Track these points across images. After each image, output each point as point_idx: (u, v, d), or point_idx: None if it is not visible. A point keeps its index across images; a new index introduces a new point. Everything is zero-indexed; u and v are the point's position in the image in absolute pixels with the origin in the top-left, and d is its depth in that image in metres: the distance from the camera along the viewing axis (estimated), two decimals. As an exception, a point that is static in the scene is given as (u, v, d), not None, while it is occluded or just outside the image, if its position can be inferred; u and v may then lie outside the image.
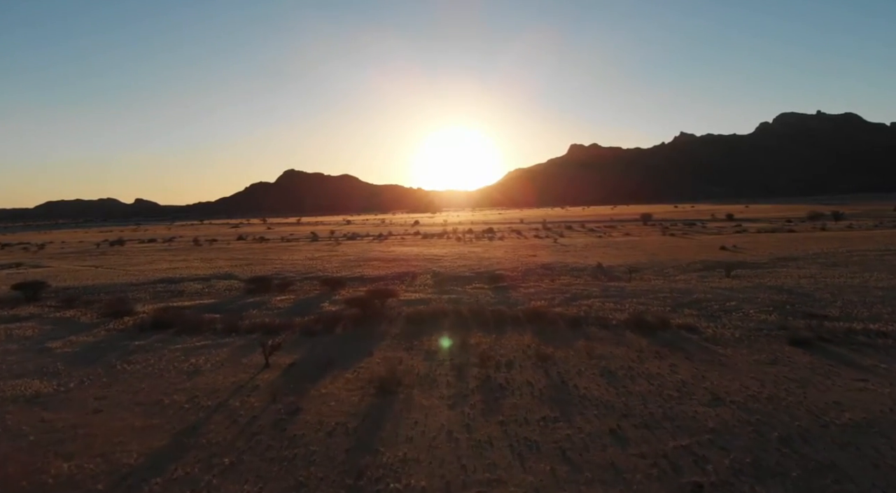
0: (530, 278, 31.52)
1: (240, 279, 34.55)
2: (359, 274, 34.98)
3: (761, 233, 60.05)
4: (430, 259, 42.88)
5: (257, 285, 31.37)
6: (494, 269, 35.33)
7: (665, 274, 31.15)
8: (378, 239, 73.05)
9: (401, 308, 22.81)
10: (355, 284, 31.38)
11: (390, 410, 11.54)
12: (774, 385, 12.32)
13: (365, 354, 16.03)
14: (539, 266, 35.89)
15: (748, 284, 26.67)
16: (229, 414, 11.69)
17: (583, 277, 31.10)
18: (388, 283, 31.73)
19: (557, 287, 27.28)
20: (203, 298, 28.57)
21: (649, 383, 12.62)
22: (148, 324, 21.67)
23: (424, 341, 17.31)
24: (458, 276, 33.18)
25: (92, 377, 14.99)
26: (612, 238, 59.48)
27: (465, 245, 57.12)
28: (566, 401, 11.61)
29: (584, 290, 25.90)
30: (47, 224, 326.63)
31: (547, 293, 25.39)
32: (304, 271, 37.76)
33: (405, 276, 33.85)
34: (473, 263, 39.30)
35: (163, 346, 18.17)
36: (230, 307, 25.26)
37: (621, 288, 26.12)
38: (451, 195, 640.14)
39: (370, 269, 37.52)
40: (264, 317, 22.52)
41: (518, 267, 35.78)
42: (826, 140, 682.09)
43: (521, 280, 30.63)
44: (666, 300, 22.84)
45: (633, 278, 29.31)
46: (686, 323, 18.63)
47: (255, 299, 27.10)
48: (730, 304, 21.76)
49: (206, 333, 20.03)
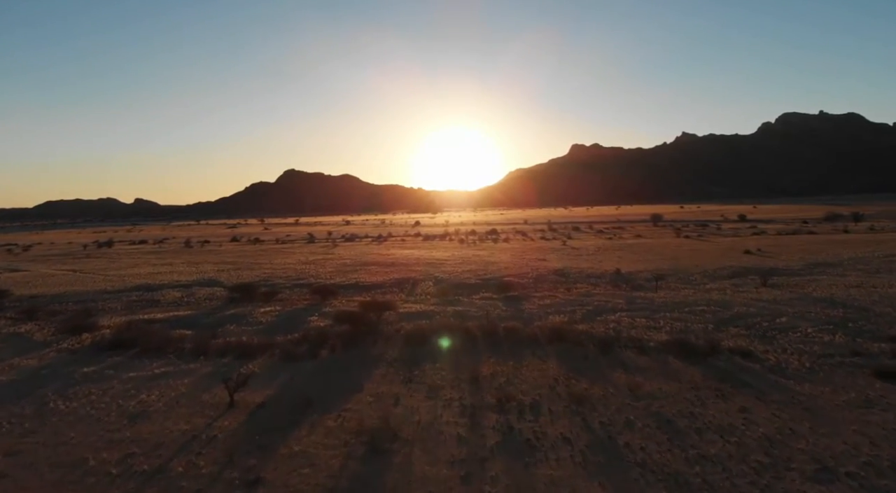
0: (543, 285, 28.52)
1: (224, 286, 31.57)
2: (354, 281, 31.98)
3: (782, 235, 56.98)
4: (432, 263, 39.89)
5: (241, 293, 28.38)
6: (502, 275, 32.33)
7: (693, 282, 28.13)
8: (377, 241, 70.05)
9: (399, 324, 19.83)
10: (349, 292, 28.38)
11: (381, 483, 8.54)
12: (891, 444, 9.32)
13: (353, 388, 13.03)
14: (551, 272, 32.87)
15: (791, 294, 23.64)
16: (167, 487, 8.69)
17: (601, 285, 28.10)
18: (386, 291, 28.73)
19: (576, 298, 24.26)
20: (179, 308, 25.57)
21: (724, 440, 9.60)
22: (107, 343, 18.68)
23: (427, 370, 14.30)
24: (464, 283, 30.19)
25: (14, 420, 12.03)
26: (623, 240, 56.43)
27: (468, 248, 54.11)
28: (621, 472, 8.60)
29: (606, 301, 22.88)
30: (44, 224, 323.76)
31: (565, 305, 22.38)
32: (296, 276, 34.76)
33: (405, 283, 30.86)
34: (479, 268, 36.29)
35: (114, 374, 15.17)
36: (206, 321, 22.26)
37: (649, 300, 23.09)
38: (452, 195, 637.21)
39: (367, 275, 34.52)
40: (241, 334, 19.53)
41: (528, 273, 32.77)
42: (829, 140, 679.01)
43: (534, 289, 27.64)
44: (704, 315, 19.83)
45: (659, 288, 26.29)
46: (738, 346, 15.64)
47: (236, 311, 24.10)
48: (780, 320, 18.76)
49: (171, 355, 17.03)
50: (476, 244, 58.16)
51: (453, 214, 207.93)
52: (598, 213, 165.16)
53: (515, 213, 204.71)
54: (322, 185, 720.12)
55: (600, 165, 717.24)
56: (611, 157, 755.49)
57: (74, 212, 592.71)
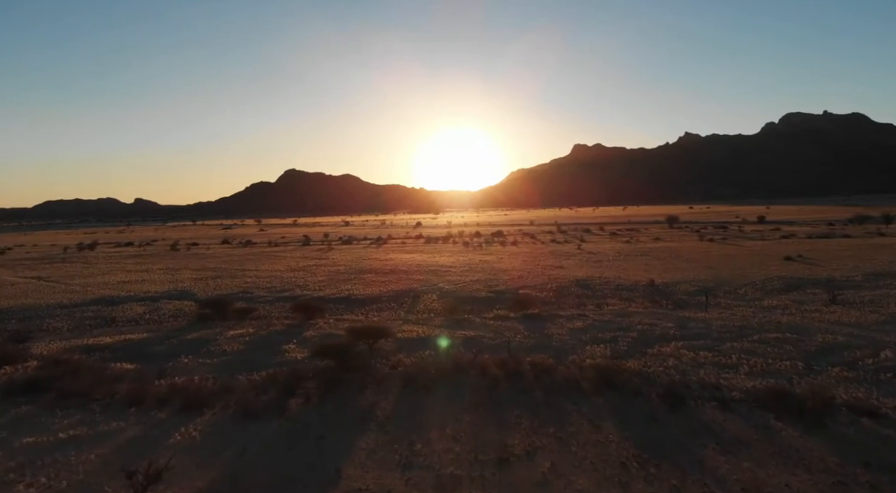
0: (567, 300, 24.37)
1: (197, 299, 27.47)
2: (346, 293, 27.84)
3: (813, 238, 52.67)
4: (436, 271, 35.75)
5: (213, 309, 24.23)
6: (517, 286, 28.19)
7: (745, 298, 23.94)
8: (376, 244, 65.89)
9: (397, 356, 15.71)
10: (339, 309, 24.24)
11: None
12: None
13: (326, 478, 8.87)
14: (573, 283, 28.71)
15: (876, 315, 19.45)
16: None
17: (637, 300, 23.93)
18: (383, 307, 24.58)
19: (611, 319, 20.07)
20: (135, 330, 21.44)
21: None
22: (20, 384, 14.54)
23: (433, 442, 10.13)
24: (473, 296, 26.05)
25: None
26: (642, 244, 52.20)
27: (474, 252, 49.95)
28: None
29: (652, 325, 18.70)
30: (41, 224, 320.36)
31: (601, 329, 18.21)
32: (281, 287, 30.63)
33: (404, 296, 26.72)
34: (489, 276, 32.13)
35: (5, 439, 11.03)
36: (159, 349, 18.12)
37: (703, 323, 18.91)
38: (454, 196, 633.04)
39: (362, 285, 30.38)
40: (196, 370, 15.39)
41: (547, 284, 28.61)
42: (833, 140, 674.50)
43: (557, 305, 23.48)
44: (783, 347, 15.63)
45: (708, 304, 22.10)
46: (857, 400, 11.48)
47: (201, 334, 19.96)
48: (885, 355, 14.57)
49: (95, 405, 12.89)
50: (482, 248, 53.98)
51: (455, 215, 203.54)
52: (605, 214, 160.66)
53: (519, 213, 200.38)
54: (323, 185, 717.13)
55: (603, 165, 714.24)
56: (613, 157, 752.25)
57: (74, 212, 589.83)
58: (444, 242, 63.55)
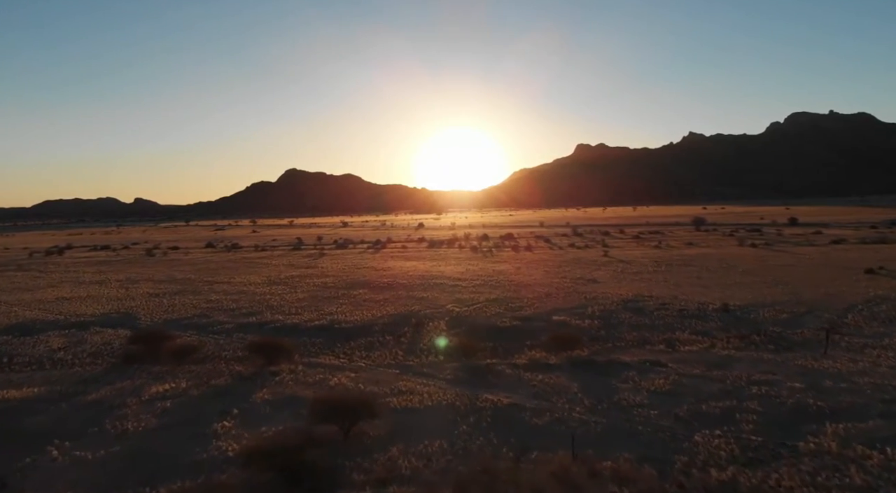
0: (621, 333, 18.23)
1: (135, 328, 21.39)
2: (329, 318, 21.68)
3: (870, 244, 46.32)
4: (442, 285, 29.60)
5: (145, 345, 18.13)
6: (547, 308, 22.06)
7: (860, 331, 17.77)
8: (374, 248, 59.71)
9: (387, 451, 9.64)
10: (315, 344, 18.11)
11: None
12: None
13: None
14: (619, 305, 22.53)
15: None
16: None
17: (717, 335, 17.78)
18: (374, 342, 18.44)
19: (702, 371, 13.86)
20: (30, 379, 15.37)
21: None
22: None
23: None
24: (493, 324, 19.93)
25: None
26: (676, 250, 45.86)
27: (484, 259, 43.77)
28: None
29: (768, 383, 12.50)
30: (36, 224, 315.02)
31: (698, 393, 12.04)
32: (249, 307, 24.53)
33: (403, 323, 20.58)
34: (508, 294, 25.98)
35: None
36: (37, 420, 12.09)
37: (842, 377, 12.72)
38: (456, 196, 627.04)
39: (350, 305, 24.25)
40: (57, 481, 9.28)
41: (585, 305, 22.44)
42: (839, 140, 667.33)
43: (610, 340, 17.36)
44: None
45: (827, 346, 15.87)
46: None
47: (110, 391, 13.89)
48: None
49: None
50: (493, 254, 47.75)
51: (458, 216, 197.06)
52: (616, 214, 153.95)
53: (525, 214, 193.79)
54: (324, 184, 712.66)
55: (606, 165, 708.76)
56: (617, 157, 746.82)
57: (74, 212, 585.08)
58: (448, 247, 57.40)
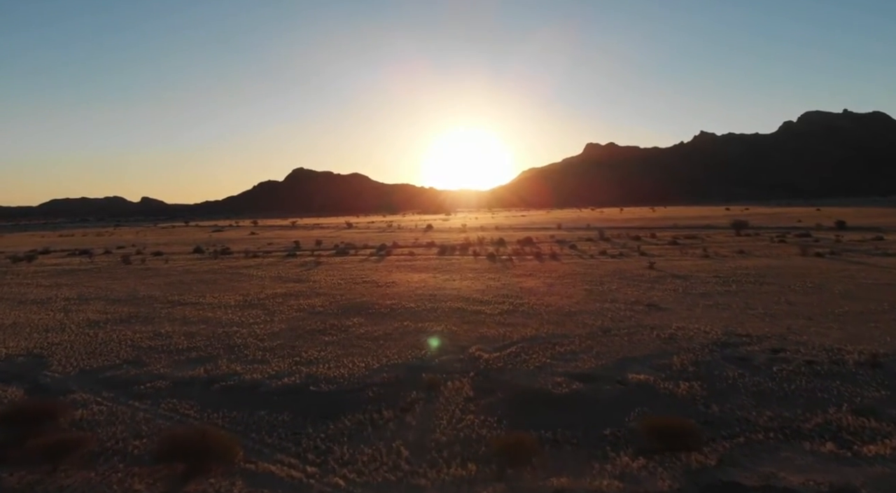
0: (743, 407, 11.64)
1: (34, 383, 15.07)
2: (304, 371, 15.22)
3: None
4: (461, 311, 23.12)
5: (18, 430, 11.84)
6: (615, 358, 15.52)
7: None
8: (378, 254, 53.28)
9: None
10: (276, 424, 11.64)
11: None
12: None
13: None
14: (710, 349, 15.95)
15: None
16: None
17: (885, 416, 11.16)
18: (362, 422, 11.94)
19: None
20: None
21: None
22: None
23: None
24: (542, 390, 13.43)
25: None
26: (729, 261, 38.95)
27: (506, 270, 37.26)
28: None
29: None
30: (40, 223, 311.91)
31: None
32: (204, 349, 18.16)
33: (409, 385, 14.09)
34: (552, 330, 19.41)
35: None
36: None
37: None
38: (464, 195, 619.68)
39: (337, 347, 17.81)
40: None
41: (668, 353, 15.85)
42: (854, 140, 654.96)
43: (732, 424, 10.76)
44: None
45: None
46: None
47: None
48: None
49: None
50: (514, 264, 41.19)
51: (468, 216, 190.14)
52: (634, 215, 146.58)
53: (538, 215, 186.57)
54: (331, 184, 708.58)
55: (616, 164, 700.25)
56: (627, 156, 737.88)
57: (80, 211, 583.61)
58: (462, 253, 50.92)
